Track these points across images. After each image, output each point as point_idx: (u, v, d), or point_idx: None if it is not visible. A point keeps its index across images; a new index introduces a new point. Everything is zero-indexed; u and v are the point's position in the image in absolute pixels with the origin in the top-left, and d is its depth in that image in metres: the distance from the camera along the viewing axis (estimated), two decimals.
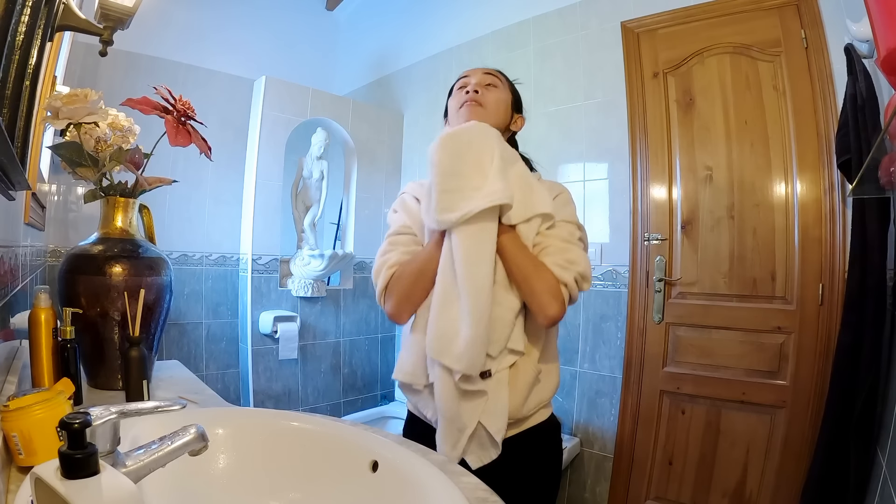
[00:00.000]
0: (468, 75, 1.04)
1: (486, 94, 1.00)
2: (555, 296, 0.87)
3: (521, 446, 0.94)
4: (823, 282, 1.60)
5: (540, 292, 0.87)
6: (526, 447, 0.95)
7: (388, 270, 0.95)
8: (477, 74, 1.03)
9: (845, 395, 1.25)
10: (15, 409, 0.55)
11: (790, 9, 1.67)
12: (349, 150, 2.81)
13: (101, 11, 1.02)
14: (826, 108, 1.59)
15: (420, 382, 0.95)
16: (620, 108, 2.01)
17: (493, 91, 1.02)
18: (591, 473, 2.03)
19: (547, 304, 0.87)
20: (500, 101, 1.02)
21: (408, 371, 0.96)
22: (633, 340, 1.93)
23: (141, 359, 0.91)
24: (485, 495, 0.59)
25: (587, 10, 2.13)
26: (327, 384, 2.67)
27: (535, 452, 0.97)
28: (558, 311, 0.87)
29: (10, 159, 0.56)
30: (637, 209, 1.95)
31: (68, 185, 2.11)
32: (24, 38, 0.60)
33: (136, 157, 1.08)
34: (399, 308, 0.95)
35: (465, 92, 1.01)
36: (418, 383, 0.95)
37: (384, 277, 0.95)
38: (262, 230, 2.46)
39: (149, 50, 2.34)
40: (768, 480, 1.66)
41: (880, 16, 0.63)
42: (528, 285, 0.89)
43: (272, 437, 0.74)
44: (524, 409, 0.93)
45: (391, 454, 0.67)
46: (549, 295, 0.87)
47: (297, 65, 3.00)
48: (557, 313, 0.87)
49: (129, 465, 0.44)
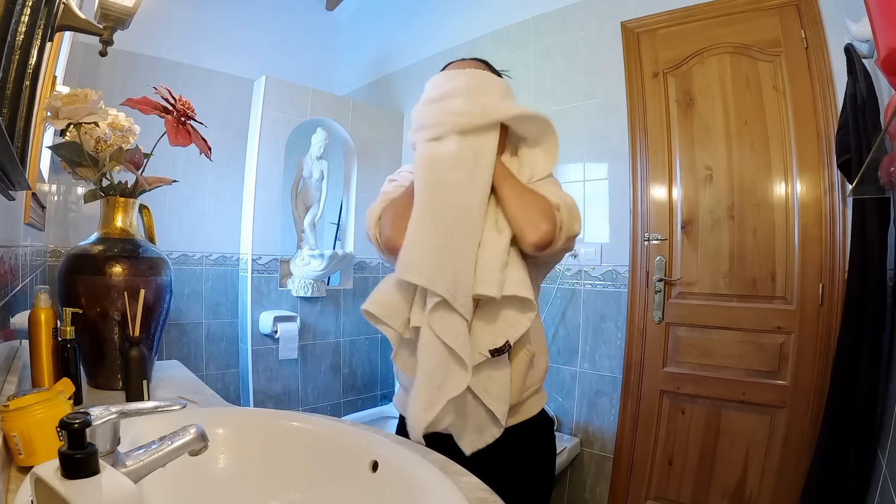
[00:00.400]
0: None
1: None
2: (547, 215, 0.84)
3: (516, 438, 0.91)
4: (823, 282, 1.60)
5: (533, 210, 0.84)
6: (522, 439, 0.93)
7: (379, 206, 0.95)
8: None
9: (845, 395, 1.25)
10: (15, 409, 0.55)
11: (790, 9, 1.67)
12: (349, 150, 2.81)
13: (101, 11, 1.02)
14: (826, 108, 1.59)
15: (397, 320, 0.88)
16: (620, 108, 2.01)
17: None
18: (591, 473, 2.03)
19: (538, 222, 0.83)
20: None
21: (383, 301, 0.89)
22: (633, 340, 1.93)
23: (141, 359, 0.91)
24: (485, 495, 0.59)
25: (587, 10, 2.13)
26: (327, 384, 2.67)
27: (530, 446, 0.95)
28: (549, 231, 0.83)
29: (10, 159, 0.56)
30: (637, 209, 1.95)
31: (68, 185, 2.11)
32: (24, 38, 0.60)
33: (136, 157, 1.08)
34: (393, 230, 0.89)
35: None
36: (395, 321, 0.88)
37: (375, 211, 0.95)
38: (262, 230, 2.46)
39: (149, 50, 2.34)
40: (768, 480, 1.66)
41: (880, 16, 0.63)
42: (521, 204, 0.85)
43: (272, 437, 0.74)
44: (523, 394, 0.91)
45: (391, 454, 0.67)
46: (541, 214, 0.84)
47: (297, 65, 3.00)
48: (548, 232, 0.83)
49: (129, 465, 0.44)
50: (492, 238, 0.86)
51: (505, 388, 0.86)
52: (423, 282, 0.81)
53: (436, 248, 0.83)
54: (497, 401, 0.85)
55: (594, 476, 2.02)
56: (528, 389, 0.93)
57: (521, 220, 0.85)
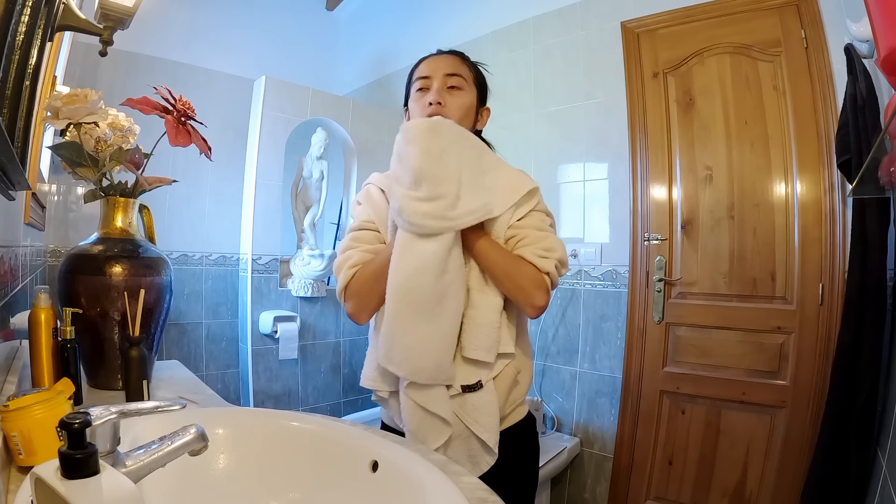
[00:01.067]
0: (429, 76, 0.96)
1: (449, 102, 0.94)
2: (539, 286, 0.87)
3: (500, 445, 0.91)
4: (823, 282, 1.60)
5: (525, 285, 0.87)
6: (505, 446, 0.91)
7: (349, 270, 0.93)
8: (438, 76, 0.95)
9: (845, 395, 1.25)
10: (15, 409, 0.55)
11: (790, 9, 1.67)
12: (349, 150, 2.81)
13: (101, 11, 1.02)
14: (826, 108, 1.59)
15: (384, 389, 0.93)
16: (620, 108, 2.01)
17: (457, 96, 0.95)
18: (591, 473, 2.03)
19: (534, 295, 0.86)
20: (465, 106, 0.96)
21: (370, 376, 0.95)
22: (633, 340, 1.93)
23: (141, 359, 0.91)
24: (485, 495, 0.59)
25: (587, 10, 2.13)
26: (327, 384, 2.67)
27: (514, 451, 0.95)
28: (544, 300, 0.87)
29: (10, 159, 0.56)
30: (637, 209, 1.95)
31: (68, 185, 2.11)
32: (24, 38, 0.60)
33: (136, 157, 1.08)
34: (358, 309, 0.94)
35: (429, 103, 0.93)
36: (382, 389, 0.94)
37: (345, 277, 0.93)
38: (262, 230, 2.46)
39: (149, 50, 2.34)
40: (768, 480, 1.66)
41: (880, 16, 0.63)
42: (510, 281, 0.87)
43: (272, 437, 0.74)
44: (505, 409, 0.92)
45: (391, 454, 0.66)
46: (533, 286, 0.86)
47: (297, 65, 3.00)
48: (544, 302, 0.87)
49: (129, 465, 0.44)
50: (480, 301, 0.89)
51: (494, 418, 0.88)
52: (406, 375, 0.85)
53: (415, 344, 0.84)
54: (487, 430, 0.87)
55: (594, 476, 2.02)
56: (512, 404, 0.94)
57: (516, 298, 0.88)
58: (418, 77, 0.98)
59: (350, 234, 0.98)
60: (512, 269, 0.88)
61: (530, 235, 0.90)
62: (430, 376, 0.85)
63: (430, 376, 0.85)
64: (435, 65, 0.97)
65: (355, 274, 0.93)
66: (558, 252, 0.89)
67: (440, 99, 0.93)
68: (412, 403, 0.87)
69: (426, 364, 0.85)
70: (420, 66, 0.99)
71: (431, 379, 0.85)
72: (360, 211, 1.00)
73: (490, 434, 0.87)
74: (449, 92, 0.95)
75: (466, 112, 0.96)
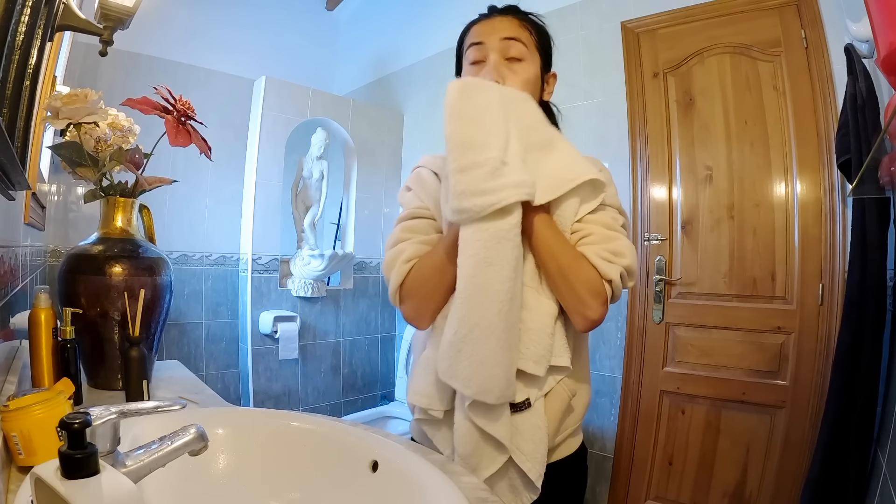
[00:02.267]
0: (482, 42, 0.80)
1: (510, 80, 0.78)
2: (597, 295, 0.71)
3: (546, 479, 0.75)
4: (823, 282, 1.60)
5: (580, 290, 0.71)
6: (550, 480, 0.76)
7: (404, 266, 0.78)
8: (494, 42, 0.79)
9: (845, 395, 1.25)
10: (15, 409, 0.55)
11: (790, 9, 1.67)
12: (349, 150, 2.81)
13: (101, 11, 1.02)
14: (826, 108, 1.59)
15: (439, 408, 0.77)
16: (620, 108, 2.01)
17: (519, 71, 0.79)
18: (591, 473, 2.02)
19: (588, 304, 0.71)
20: (529, 81, 0.80)
21: (424, 392, 0.78)
22: (633, 340, 1.93)
23: (141, 359, 0.91)
24: (485, 495, 0.59)
25: (587, 10, 2.13)
26: (327, 384, 2.67)
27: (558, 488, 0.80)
28: (600, 314, 0.72)
29: (10, 159, 0.56)
30: (637, 209, 1.95)
31: (68, 185, 2.11)
32: (24, 38, 0.60)
33: (136, 157, 1.08)
34: (419, 311, 0.79)
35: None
36: (436, 409, 0.77)
37: (398, 274, 0.78)
38: (262, 230, 2.46)
39: (149, 50, 2.34)
40: (768, 480, 1.66)
41: (880, 16, 0.63)
42: (565, 281, 0.72)
43: (272, 437, 0.74)
44: (556, 439, 0.78)
45: (391, 454, 0.66)
46: (590, 294, 0.71)
47: (297, 65, 3.00)
48: (599, 316, 0.72)
49: (129, 465, 0.44)
50: (534, 303, 0.74)
51: (541, 446, 0.73)
52: (473, 394, 0.70)
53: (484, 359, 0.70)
54: (531, 460, 0.73)
55: (594, 476, 2.02)
56: (564, 432, 0.80)
57: (568, 304, 0.74)
58: (471, 44, 0.82)
59: (400, 224, 0.83)
60: (570, 267, 0.72)
61: (597, 233, 0.75)
62: (501, 394, 0.70)
63: (500, 395, 0.70)
64: (490, 27, 0.81)
65: (412, 269, 0.78)
66: (627, 259, 0.73)
67: (498, 77, 0.78)
68: (469, 426, 0.73)
69: (497, 381, 0.69)
70: (473, 30, 0.83)
71: (501, 398, 0.70)
72: (410, 197, 0.86)
73: (532, 465, 0.73)
74: (508, 65, 0.79)
75: (530, 86, 0.80)
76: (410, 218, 0.83)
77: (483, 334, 0.69)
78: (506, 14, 0.83)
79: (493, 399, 0.70)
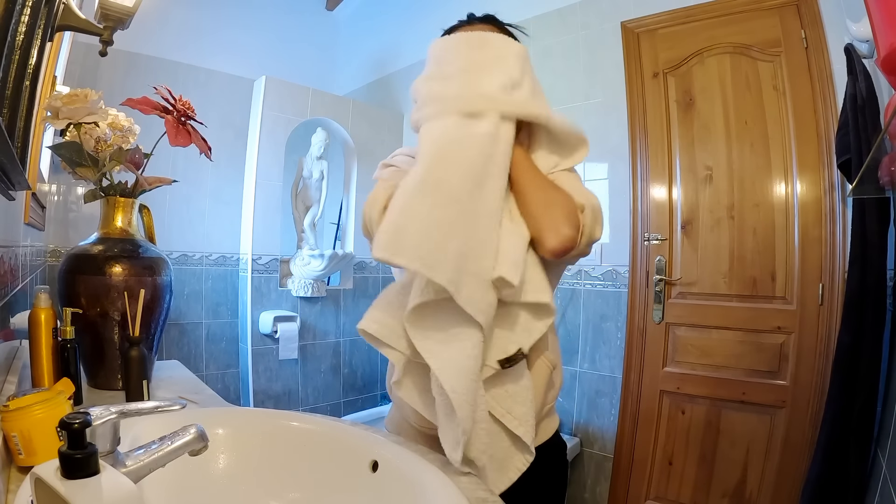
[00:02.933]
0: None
1: None
2: (570, 215, 0.70)
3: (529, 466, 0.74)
4: (823, 282, 1.60)
5: (555, 211, 0.70)
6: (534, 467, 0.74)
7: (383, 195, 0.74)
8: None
9: (845, 395, 1.25)
10: (15, 409, 0.55)
11: (790, 9, 1.67)
12: (349, 150, 2.81)
13: (101, 11, 1.02)
14: (826, 108, 1.59)
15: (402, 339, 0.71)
16: (620, 108, 2.01)
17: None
18: (591, 473, 2.03)
19: (560, 223, 0.69)
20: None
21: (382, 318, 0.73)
22: (633, 340, 1.93)
23: (141, 359, 0.91)
24: (485, 495, 0.59)
25: (587, 10, 2.13)
26: (327, 384, 2.67)
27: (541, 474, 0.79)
28: (571, 237, 0.70)
29: (10, 159, 0.56)
30: (637, 209, 1.95)
31: (68, 185, 2.11)
32: (24, 38, 0.60)
33: (136, 157, 1.08)
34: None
35: None
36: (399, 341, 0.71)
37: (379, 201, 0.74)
38: (262, 230, 2.46)
39: (149, 50, 2.34)
40: (768, 480, 1.66)
41: (880, 16, 0.63)
42: (540, 199, 0.72)
43: (272, 437, 0.74)
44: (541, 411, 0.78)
45: (391, 454, 0.66)
46: (562, 213, 0.70)
47: (297, 65, 3.00)
48: (570, 238, 0.69)
49: (129, 465, 0.44)
50: (507, 226, 0.71)
51: (530, 408, 0.72)
52: (420, 266, 0.62)
53: (439, 223, 0.64)
54: (524, 424, 0.71)
55: (594, 476, 2.02)
56: (545, 407, 0.81)
57: (540, 221, 0.71)
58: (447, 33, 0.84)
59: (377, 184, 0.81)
60: (547, 188, 0.73)
61: (567, 185, 0.76)
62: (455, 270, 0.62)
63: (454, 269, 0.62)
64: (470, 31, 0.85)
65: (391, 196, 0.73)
66: (596, 201, 0.74)
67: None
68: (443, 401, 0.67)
69: (451, 249, 0.62)
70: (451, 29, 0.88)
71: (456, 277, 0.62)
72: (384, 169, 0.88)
73: (526, 429, 0.70)
74: None
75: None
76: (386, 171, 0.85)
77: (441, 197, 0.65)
78: (485, 22, 0.87)
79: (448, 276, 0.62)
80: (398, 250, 0.62)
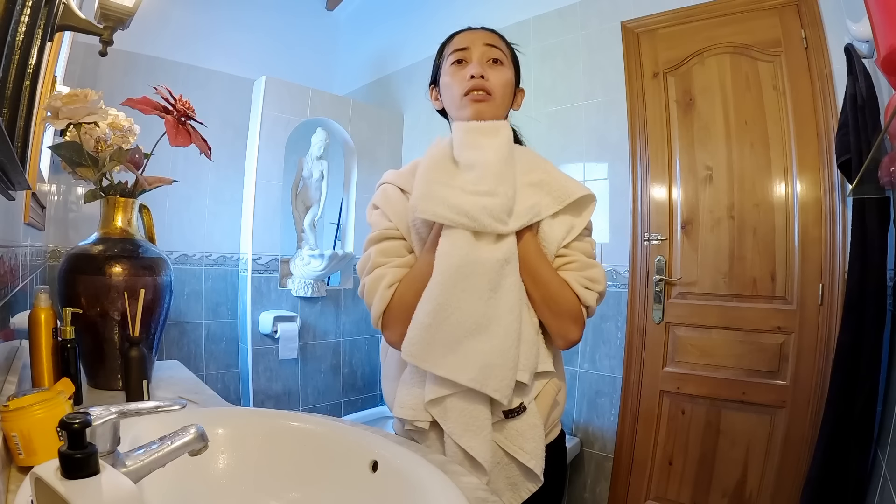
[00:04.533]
0: (467, 47, 0.86)
1: (492, 77, 0.84)
2: (576, 320, 0.80)
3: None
4: (823, 282, 1.60)
5: (563, 316, 0.79)
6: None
7: (387, 292, 0.80)
8: (477, 46, 0.86)
9: (845, 395, 1.25)
10: (15, 409, 0.55)
11: (790, 9, 1.67)
12: (349, 150, 2.81)
13: (101, 11, 1.02)
14: (826, 108, 1.59)
15: (425, 419, 0.80)
16: (620, 108, 2.01)
17: (499, 71, 0.85)
18: (591, 473, 2.03)
19: (569, 328, 0.80)
20: (507, 81, 0.86)
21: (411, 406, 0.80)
22: (633, 340, 1.93)
23: (141, 359, 0.91)
24: (485, 495, 0.59)
25: (587, 10, 2.13)
26: (327, 384, 2.67)
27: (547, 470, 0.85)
28: (578, 335, 0.81)
29: (10, 159, 0.56)
30: (637, 209, 1.95)
31: (68, 185, 2.11)
32: (24, 38, 0.60)
33: (136, 157, 1.08)
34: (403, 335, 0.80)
35: (470, 76, 0.83)
36: (423, 420, 0.80)
37: (382, 300, 0.80)
38: (262, 230, 2.46)
39: (149, 50, 2.34)
40: (768, 480, 1.66)
41: (880, 16, 0.63)
42: (550, 306, 0.80)
43: (272, 437, 0.74)
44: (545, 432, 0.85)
45: (391, 454, 0.66)
46: (570, 319, 0.79)
47: (297, 65, 3.00)
48: (578, 337, 0.81)
49: (129, 465, 0.44)
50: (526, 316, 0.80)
51: (540, 443, 0.79)
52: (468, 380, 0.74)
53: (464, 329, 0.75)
54: (534, 457, 0.79)
55: (594, 476, 2.02)
56: (551, 425, 0.87)
57: (551, 327, 0.81)
58: (454, 49, 0.87)
59: (372, 248, 0.85)
60: (556, 293, 0.80)
61: (579, 261, 0.83)
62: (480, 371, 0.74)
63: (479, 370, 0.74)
64: (473, 36, 0.88)
65: (394, 295, 0.80)
66: (601, 284, 0.82)
67: (483, 72, 0.83)
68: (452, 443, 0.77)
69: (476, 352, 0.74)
70: (455, 39, 0.90)
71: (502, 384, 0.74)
72: (378, 216, 0.87)
73: (537, 461, 0.79)
74: (490, 66, 0.85)
75: (508, 89, 0.87)
76: (382, 240, 0.86)
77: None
78: (485, 30, 0.92)
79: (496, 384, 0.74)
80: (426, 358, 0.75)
